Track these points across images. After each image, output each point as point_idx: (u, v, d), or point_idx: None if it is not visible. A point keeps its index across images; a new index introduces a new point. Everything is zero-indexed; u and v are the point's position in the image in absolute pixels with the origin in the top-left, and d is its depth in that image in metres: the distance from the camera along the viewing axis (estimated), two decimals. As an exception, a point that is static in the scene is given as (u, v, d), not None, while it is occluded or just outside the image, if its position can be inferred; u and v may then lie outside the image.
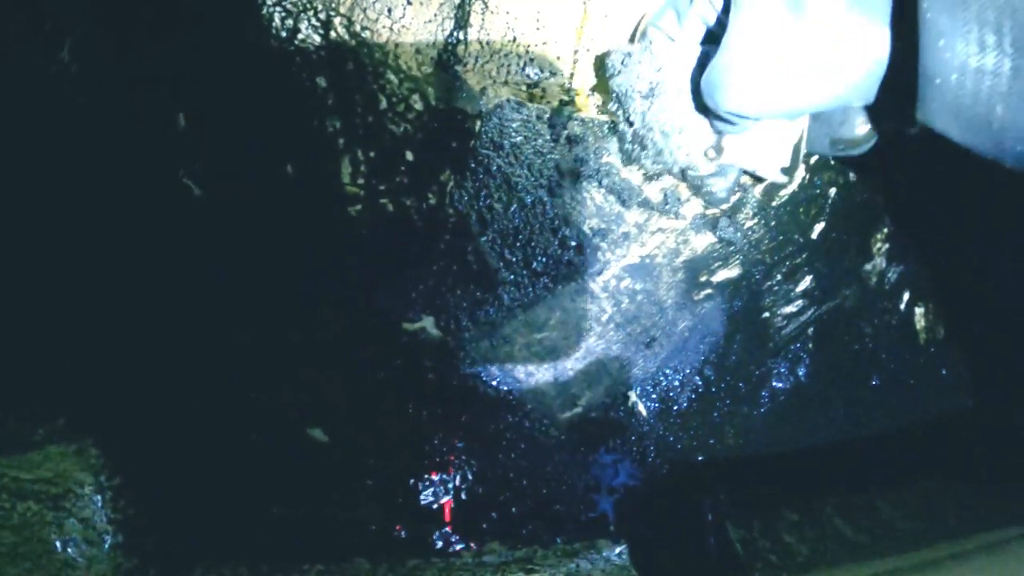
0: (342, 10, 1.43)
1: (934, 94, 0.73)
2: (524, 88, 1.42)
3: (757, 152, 1.17)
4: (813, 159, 1.38)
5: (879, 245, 1.38)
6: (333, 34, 1.42)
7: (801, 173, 1.21)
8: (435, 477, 1.29)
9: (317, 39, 1.42)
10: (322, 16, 1.43)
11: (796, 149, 1.15)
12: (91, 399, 1.31)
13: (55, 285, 1.32)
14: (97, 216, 1.33)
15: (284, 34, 1.43)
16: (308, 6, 1.43)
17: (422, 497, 1.28)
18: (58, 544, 1.22)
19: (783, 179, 1.17)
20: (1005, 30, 0.66)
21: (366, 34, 1.42)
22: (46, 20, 1.38)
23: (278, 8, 1.43)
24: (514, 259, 1.34)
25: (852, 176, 1.42)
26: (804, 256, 1.37)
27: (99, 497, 1.29)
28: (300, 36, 1.42)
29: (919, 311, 1.36)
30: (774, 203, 1.39)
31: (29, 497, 1.21)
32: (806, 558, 1.22)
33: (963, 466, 1.27)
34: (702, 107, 1.10)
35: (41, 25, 1.38)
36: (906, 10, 0.75)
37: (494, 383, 1.31)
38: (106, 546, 1.26)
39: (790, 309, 1.36)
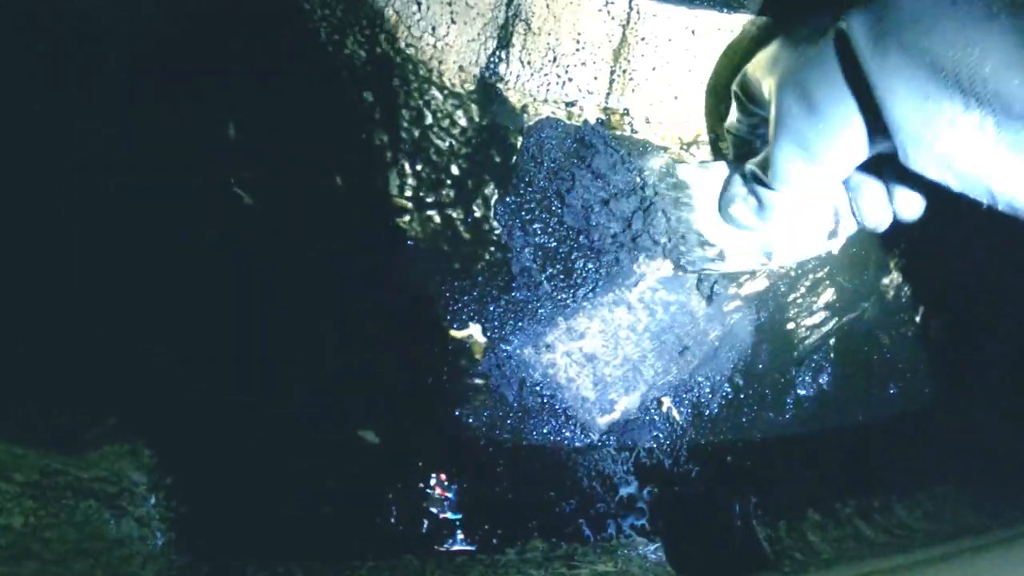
0: (387, 27, 1.48)
1: (923, 149, 0.79)
2: (563, 106, 1.48)
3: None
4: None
5: (896, 260, 1.47)
6: (379, 50, 1.48)
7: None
8: (482, 478, 1.35)
9: (363, 55, 1.48)
10: (367, 32, 1.48)
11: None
12: (143, 399, 1.35)
13: (109, 289, 1.35)
14: (150, 222, 1.37)
15: (330, 49, 1.48)
16: (354, 22, 1.48)
17: (468, 497, 1.34)
18: (116, 542, 1.26)
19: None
20: (979, 87, 0.71)
21: (411, 51, 1.47)
22: (97, 32, 1.42)
23: (324, 24, 1.48)
24: (555, 271, 1.40)
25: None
26: (826, 270, 1.44)
27: (153, 496, 1.33)
28: (346, 51, 1.47)
29: (934, 323, 1.44)
30: (798, 220, 1.46)
31: (90, 495, 1.25)
32: (829, 556, 1.29)
33: (977, 470, 1.35)
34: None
35: (92, 37, 1.42)
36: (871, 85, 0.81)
37: (537, 388, 1.37)
38: (160, 543, 1.30)
39: (813, 320, 1.44)
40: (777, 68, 0.99)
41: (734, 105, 1.22)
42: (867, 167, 1.05)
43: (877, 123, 0.87)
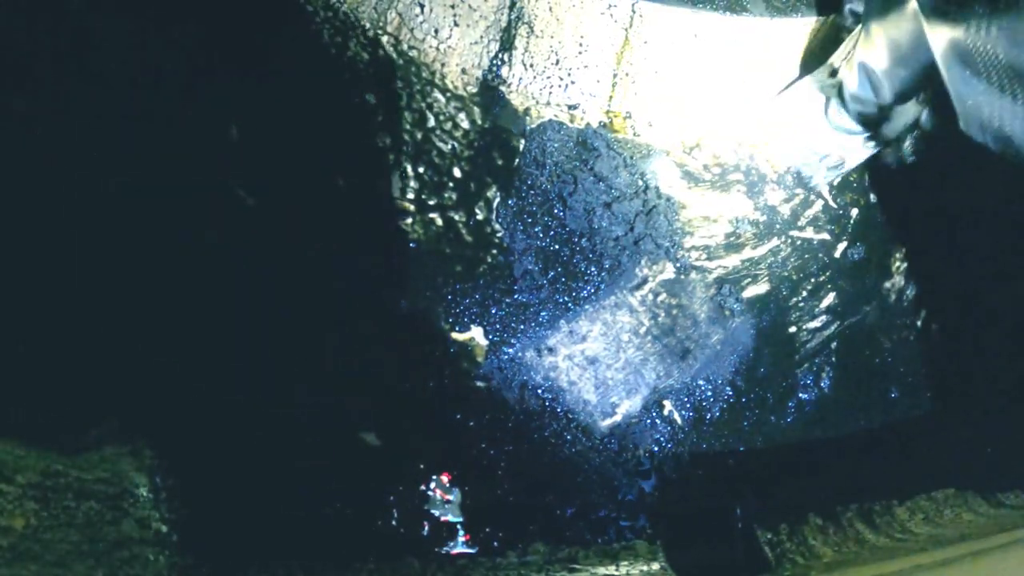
0: (389, 29, 1.48)
1: (969, 118, 0.96)
2: (566, 109, 1.48)
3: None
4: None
5: (898, 264, 1.47)
6: (381, 52, 1.48)
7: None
8: (483, 481, 1.34)
9: (366, 57, 1.48)
10: (370, 34, 1.48)
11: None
12: (144, 400, 1.35)
13: (110, 289, 1.35)
14: (151, 222, 1.37)
15: (333, 51, 1.48)
16: (356, 24, 1.48)
17: (470, 500, 1.33)
18: (118, 543, 1.26)
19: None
20: (1013, 77, 0.86)
21: (413, 53, 1.48)
22: (97, 31, 1.42)
23: (327, 25, 1.48)
24: (557, 274, 1.40)
25: (873, 198, 1.50)
26: (828, 274, 1.44)
27: (154, 497, 1.33)
28: (349, 54, 1.47)
29: (936, 327, 1.45)
30: (799, 223, 1.46)
31: (91, 497, 1.25)
32: (830, 559, 1.29)
33: (977, 475, 1.35)
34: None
35: (92, 36, 1.42)
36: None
37: (538, 391, 1.38)
38: (162, 545, 1.30)
39: (814, 324, 1.44)
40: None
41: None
42: None
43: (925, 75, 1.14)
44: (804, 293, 1.43)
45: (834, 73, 1.47)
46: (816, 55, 1.50)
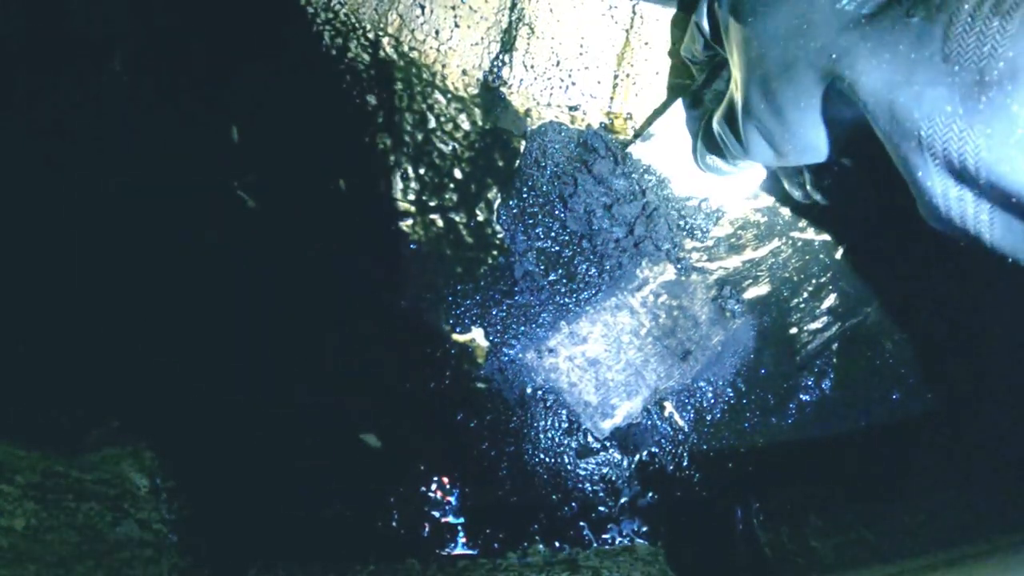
0: (390, 31, 1.48)
1: (929, 209, 0.78)
2: (566, 110, 1.48)
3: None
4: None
5: (899, 266, 1.47)
6: (382, 54, 1.48)
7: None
8: (484, 482, 1.34)
9: (367, 58, 1.48)
10: (371, 36, 1.48)
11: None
12: (144, 401, 1.35)
13: (111, 290, 1.35)
14: (152, 224, 1.37)
15: (334, 52, 1.48)
16: (357, 26, 1.48)
17: (470, 500, 1.33)
18: (118, 544, 1.26)
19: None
20: (976, 167, 0.67)
21: (414, 55, 1.48)
22: (98, 32, 1.42)
23: (328, 27, 1.48)
24: (558, 275, 1.40)
25: (874, 199, 1.50)
26: (829, 275, 1.44)
27: (154, 498, 1.33)
28: (350, 55, 1.48)
29: (937, 328, 1.45)
30: (800, 224, 1.46)
31: (91, 498, 1.25)
32: (832, 561, 1.29)
33: (979, 475, 1.35)
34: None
35: (93, 37, 1.42)
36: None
37: (539, 392, 1.37)
38: (162, 546, 1.30)
39: (815, 326, 1.44)
40: (750, 42, 0.91)
41: (695, 35, 1.15)
42: None
43: (845, 148, 0.91)
44: (805, 294, 1.43)
45: (697, 102, 1.28)
46: (682, 70, 1.37)
